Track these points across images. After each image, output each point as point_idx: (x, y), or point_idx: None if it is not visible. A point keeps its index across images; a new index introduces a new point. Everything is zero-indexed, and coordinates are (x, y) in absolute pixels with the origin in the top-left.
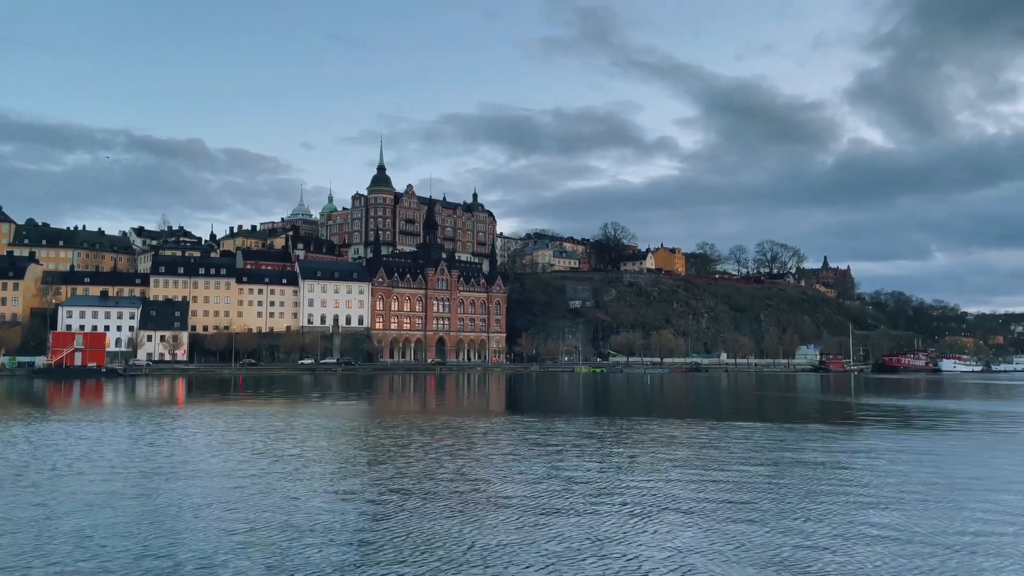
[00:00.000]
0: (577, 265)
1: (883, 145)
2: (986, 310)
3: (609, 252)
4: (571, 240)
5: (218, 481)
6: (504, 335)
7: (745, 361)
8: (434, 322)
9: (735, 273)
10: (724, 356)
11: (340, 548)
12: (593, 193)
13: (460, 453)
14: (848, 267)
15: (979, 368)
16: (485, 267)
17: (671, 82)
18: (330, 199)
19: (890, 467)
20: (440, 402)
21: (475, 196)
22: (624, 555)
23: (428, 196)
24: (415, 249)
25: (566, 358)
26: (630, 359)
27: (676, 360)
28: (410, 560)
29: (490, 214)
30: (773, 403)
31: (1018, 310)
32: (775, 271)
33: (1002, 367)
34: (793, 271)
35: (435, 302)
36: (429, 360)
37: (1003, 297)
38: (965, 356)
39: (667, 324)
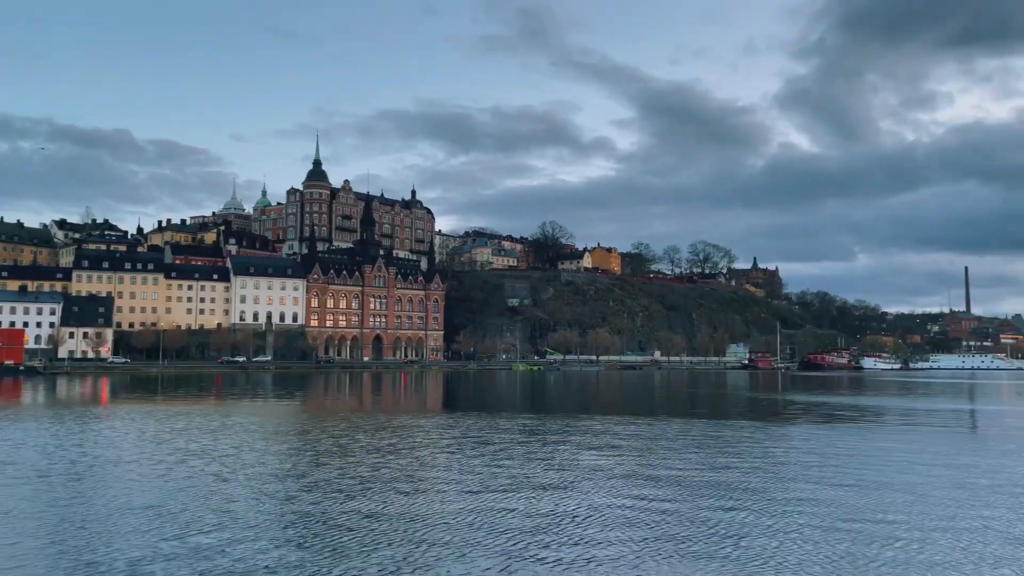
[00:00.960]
0: (515, 263)
1: (810, 150)
2: (905, 310)
3: (547, 251)
4: (510, 239)
5: (151, 484)
6: (442, 333)
7: (678, 359)
8: (371, 320)
9: (669, 273)
10: (658, 354)
11: (278, 550)
12: (531, 192)
13: (397, 452)
14: (776, 268)
15: (898, 366)
16: (423, 265)
17: (608, 83)
18: (264, 193)
19: (812, 459)
20: (377, 400)
21: (413, 193)
22: (567, 548)
23: (366, 192)
24: (352, 246)
25: (504, 356)
26: (567, 357)
27: (611, 358)
28: (350, 560)
29: (429, 211)
30: (705, 400)
31: (934, 310)
32: (707, 271)
33: (919, 365)
34: (724, 271)
35: (372, 299)
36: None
37: (921, 298)
38: (885, 354)
39: (603, 322)
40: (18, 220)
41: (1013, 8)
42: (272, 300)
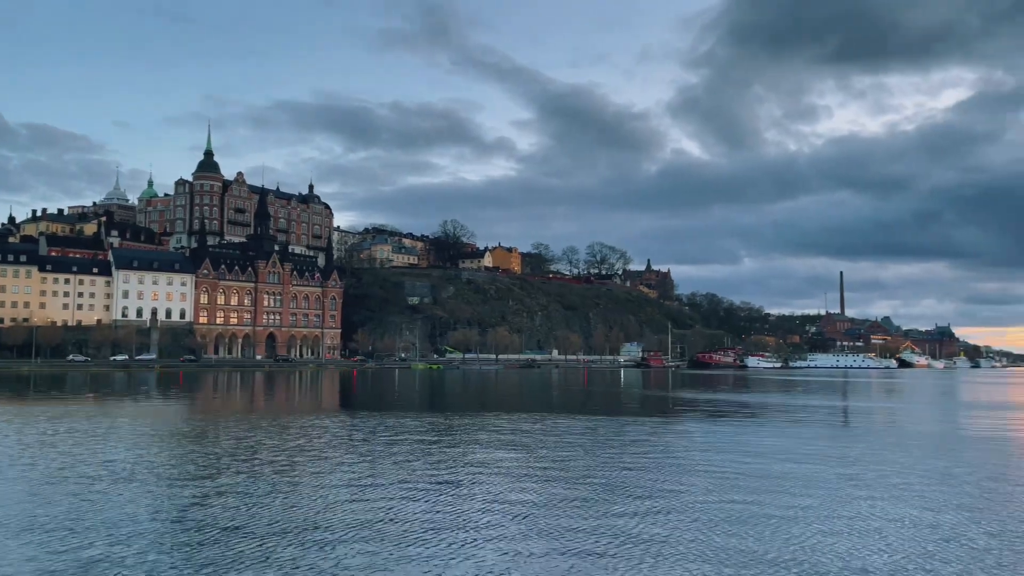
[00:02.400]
0: (416, 261)
1: (700, 157)
2: (786, 312)
3: (448, 249)
4: (410, 236)
5: (38, 493)
6: (339, 331)
7: (575, 357)
8: (264, 317)
9: (567, 273)
10: (555, 352)
11: (174, 560)
12: (433, 190)
13: (289, 453)
14: (669, 270)
15: (779, 365)
16: (321, 261)
17: (509, 84)
18: (150, 184)
19: (700, 451)
20: (270, 401)
21: (311, 187)
22: (460, 544)
23: (260, 185)
24: (245, 240)
25: (403, 355)
26: (466, 356)
27: (511, 356)
28: (247, 568)
29: (327, 206)
30: (600, 398)
31: (812, 312)
32: (604, 272)
33: (798, 364)
34: (620, 272)
35: (266, 296)
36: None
37: (800, 300)
38: (767, 353)
39: (503, 321)
40: None
41: (886, 30)
42: (158, 296)
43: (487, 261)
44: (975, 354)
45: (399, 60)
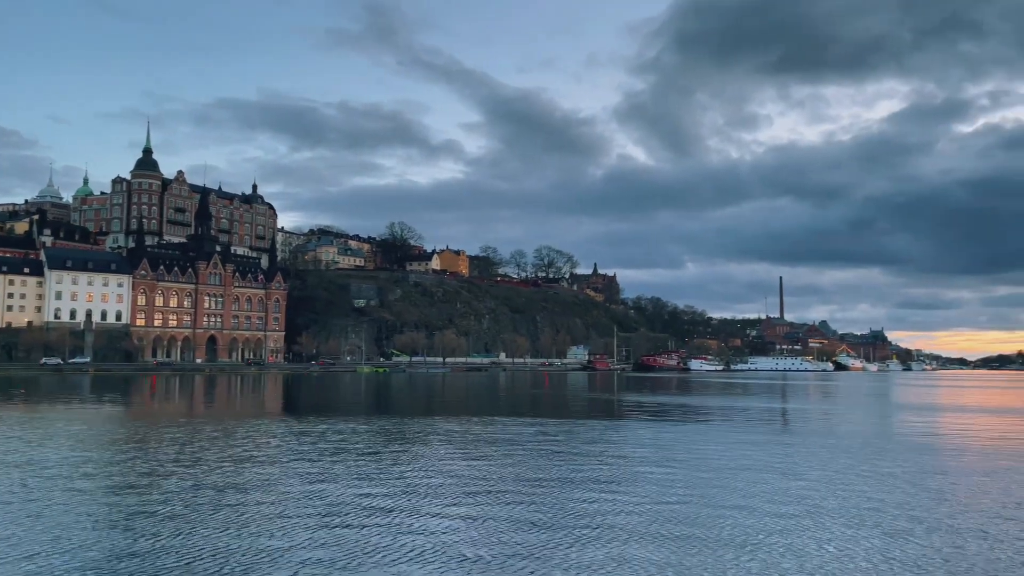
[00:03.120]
0: (362, 263)
1: (646, 162)
2: (728, 315)
3: (395, 251)
4: (357, 238)
5: None
6: (283, 334)
7: (522, 360)
8: (205, 319)
9: (515, 276)
10: (503, 355)
11: (110, 569)
12: (379, 191)
13: (232, 459)
14: (615, 274)
15: (721, 367)
16: (264, 262)
17: (457, 86)
18: (85, 181)
19: (645, 452)
20: (210, 405)
21: (255, 187)
22: (408, 550)
23: (202, 184)
24: (185, 241)
25: (348, 358)
26: (413, 359)
27: (458, 360)
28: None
29: (271, 207)
30: (547, 400)
31: (752, 316)
32: (551, 275)
33: (739, 367)
34: (567, 276)
35: (207, 298)
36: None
37: (741, 304)
38: (710, 356)
39: (450, 324)
40: None
41: (823, 42)
42: (92, 297)
43: (435, 264)
44: (907, 357)
45: (346, 60)
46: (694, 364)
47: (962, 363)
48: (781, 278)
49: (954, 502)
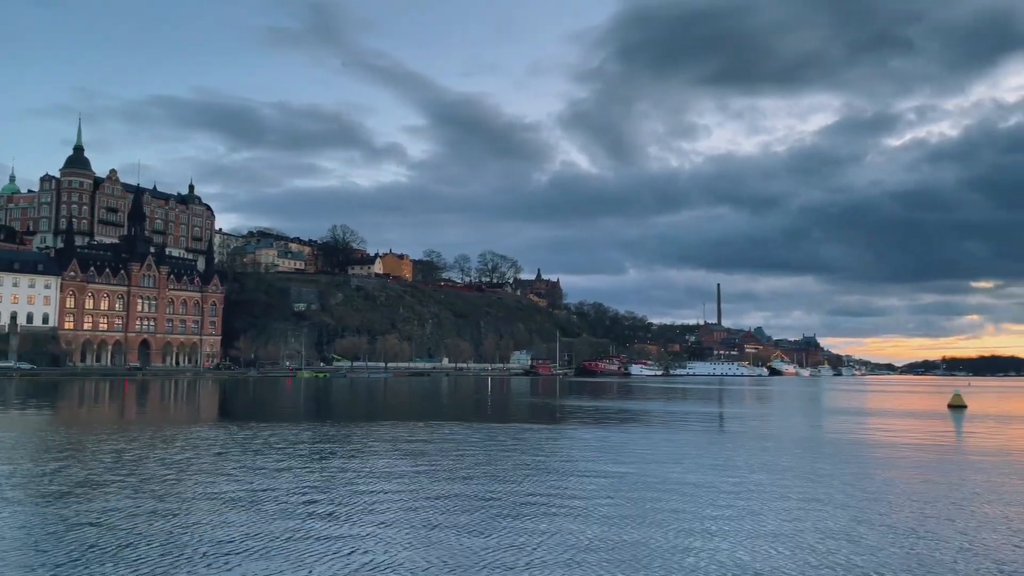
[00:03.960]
0: (303, 267)
1: (589, 169)
2: (667, 321)
3: (337, 255)
4: (297, 241)
5: None
6: (220, 338)
7: (465, 365)
8: (138, 323)
9: (459, 281)
10: (446, 360)
11: None
12: (321, 193)
13: (175, 466)
14: (558, 279)
15: (660, 372)
16: (201, 265)
17: (401, 89)
18: (12, 179)
19: (586, 454)
20: (142, 411)
21: (191, 187)
22: (359, 554)
23: (135, 184)
24: (118, 242)
25: (288, 362)
26: (354, 364)
27: (400, 364)
28: None
29: (208, 208)
30: (489, 405)
31: (691, 322)
32: (495, 280)
33: (678, 372)
34: (511, 281)
35: (140, 300)
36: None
37: (680, 310)
38: (650, 361)
39: (393, 329)
40: None
41: (760, 56)
42: (18, 298)
43: (377, 268)
44: (837, 363)
45: (286, 59)
46: (635, 369)
47: (890, 368)
48: (719, 285)
49: (885, 501)
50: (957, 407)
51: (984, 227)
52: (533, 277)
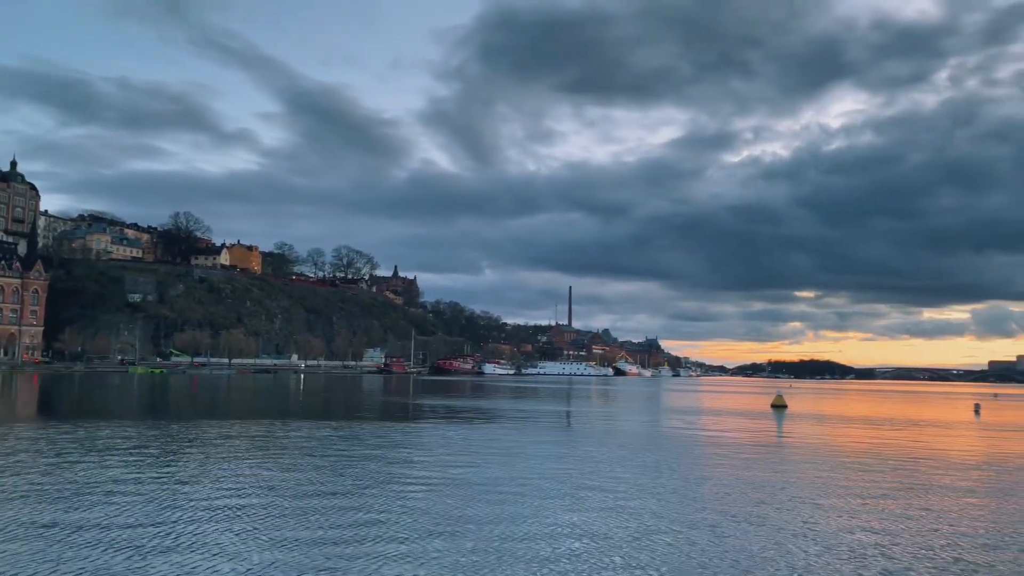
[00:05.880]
0: (141, 255)
1: (448, 168)
2: (521, 321)
3: (179, 243)
4: (135, 227)
5: None
6: (42, 329)
7: (315, 363)
8: None
9: (312, 275)
10: (295, 358)
11: None
12: (163, 178)
13: None
14: (415, 277)
15: (513, 372)
16: (22, 248)
17: (254, 73)
18: None
19: (428, 452)
20: None
21: (13, 163)
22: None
23: None
24: None
25: (120, 357)
26: (195, 359)
27: (246, 361)
28: None
29: (32, 187)
30: (338, 404)
31: (543, 323)
32: (350, 276)
33: (530, 371)
34: (367, 277)
35: None
36: None
37: (534, 311)
38: (503, 361)
39: (239, 324)
40: None
41: (614, 68)
42: None
43: (224, 259)
44: (676, 364)
45: (128, 32)
46: (488, 368)
47: (722, 370)
48: (571, 288)
49: (708, 496)
50: (779, 407)
51: (808, 242)
52: (390, 274)
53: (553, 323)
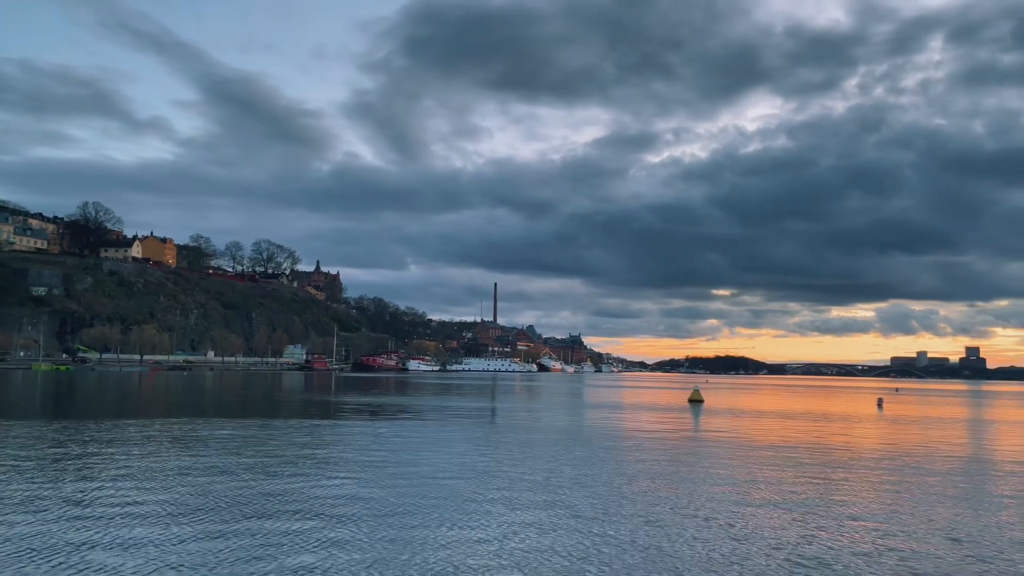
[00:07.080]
0: (45, 246)
1: (373, 162)
2: (446, 318)
3: (88, 235)
4: (39, 217)
5: None
6: None
7: (233, 359)
8: None
9: (230, 270)
10: (212, 354)
11: None
12: (70, 166)
13: None
14: (338, 272)
15: (437, 368)
16: None
17: (169, 58)
18: None
19: (345, 451)
20: None
21: None
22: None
23: None
24: None
25: (23, 353)
26: (104, 356)
27: (159, 357)
28: None
29: None
30: (255, 401)
31: (469, 319)
32: (270, 271)
33: (454, 367)
34: (288, 272)
35: None
36: None
37: (459, 307)
38: (427, 357)
39: (152, 319)
40: None
41: (540, 66)
42: None
43: (136, 251)
44: (599, 360)
45: (33, 12)
46: (412, 364)
47: (642, 366)
48: (496, 284)
49: (629, 492)
50: (696, 402)
51: (724, 241)
52: (312, 269)
53: (478, 319)
